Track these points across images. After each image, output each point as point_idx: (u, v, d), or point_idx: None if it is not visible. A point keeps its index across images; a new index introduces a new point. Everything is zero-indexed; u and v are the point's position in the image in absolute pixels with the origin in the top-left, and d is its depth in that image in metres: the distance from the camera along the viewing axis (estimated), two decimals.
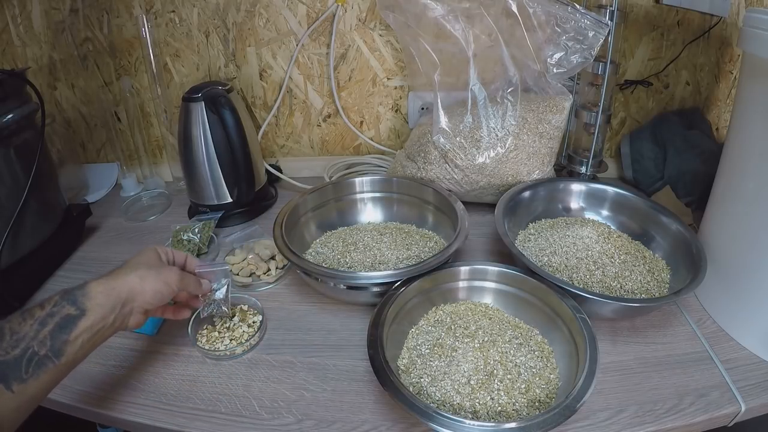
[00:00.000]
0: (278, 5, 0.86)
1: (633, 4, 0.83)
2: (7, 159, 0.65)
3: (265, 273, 0.70)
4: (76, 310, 0.41)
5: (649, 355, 0.56)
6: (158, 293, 0.48)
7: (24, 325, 0.39)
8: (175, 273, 0.50)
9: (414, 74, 0.85)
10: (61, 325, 0.40)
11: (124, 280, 0.45)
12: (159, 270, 0.49)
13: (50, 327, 0.40)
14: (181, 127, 0.80)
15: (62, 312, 0.41)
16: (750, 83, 0.54)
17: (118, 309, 0.44)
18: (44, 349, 0.38)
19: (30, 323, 0.39)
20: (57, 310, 0.41)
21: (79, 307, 0.41)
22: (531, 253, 0.68)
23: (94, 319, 0.42)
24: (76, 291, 0.42)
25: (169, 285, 0.49)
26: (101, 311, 0.42)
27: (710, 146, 0.81)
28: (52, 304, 0.41)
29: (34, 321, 0.39)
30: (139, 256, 0.50)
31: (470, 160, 0.76)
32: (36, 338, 0.39)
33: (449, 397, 0.49)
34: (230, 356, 0.58)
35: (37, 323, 0.39)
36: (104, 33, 0.90)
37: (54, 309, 0.40)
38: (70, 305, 0.41)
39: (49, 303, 0.41)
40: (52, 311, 0.40)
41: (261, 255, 0.72)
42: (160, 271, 0.49)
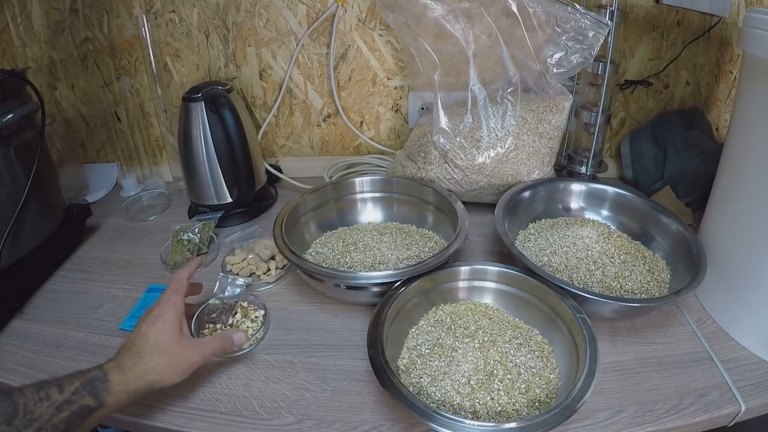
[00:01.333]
0: (278, 5, 0.86)
1: (633, 4, 0.83)
2: (7, 159, 0.65)
3: (265, 273, 0.70)
4: (95, 403, 0.41)
5: (649, 355, 0.56)
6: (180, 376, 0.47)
7: (40, 407, 0.39)
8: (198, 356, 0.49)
9: (414, 74, 0.85)
10: (78, 413, 0.40)
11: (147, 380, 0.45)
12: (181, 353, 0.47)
13: (66, 414, 0.39)
14: (181, 127, 0.80)
15: (81, 401, 0.41)
16: (750, 83, 0.54)
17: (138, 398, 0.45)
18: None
19: (46, 405, 0.39)
20: (76, 398, 0.40)
21: (99, 400, 0.42)
22: (531, 253, 0.68)
23: (110, 411, 0.43)
24: (97, 383, 0.42)
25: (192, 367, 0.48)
26: (118, 405, 0.43)
27: (710, 146, 0.81)
28: (71, 391, 0.41)
29: (51, 404, 0.39)
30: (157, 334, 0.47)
31: (470, 160, 0.76)
32: (50, 422, 0.39)
33: (449, 397, 0.49)
34: (237, 351, 0.58)
35: (53, 408, 0.39)
36: (104, 33, 0.90)
37: (73, 397, 0.40)
38: (90, 396, 0.41)
39: (67, 387, 0.41)
40: (71, 399, 0.40)
41: (261, 255, 0.72)
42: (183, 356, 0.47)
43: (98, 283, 0.72)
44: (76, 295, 0.69)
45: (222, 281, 0.65)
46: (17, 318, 0.65)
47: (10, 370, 0.57)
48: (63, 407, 0.39)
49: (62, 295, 0.70)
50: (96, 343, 0.60)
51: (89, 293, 0.70)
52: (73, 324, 0.64)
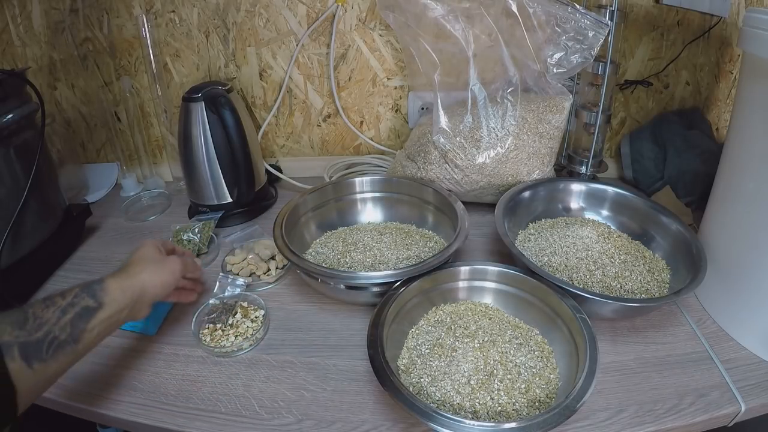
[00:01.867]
0: (278, 5, 0.86)
1: (633, 4, 0.83)
2: (7, 159, 0.65)
3: (265, 273, 0.70)
4: (94, 303, 0.45)
5: (649, 355, 0.56)
6: (165, 284, 0.53)
7: (47, 312, 0.42)
8: (177, 262, 0.56)
9: (414, 74, 0.85)
10: (80, 314, 0.44)
11: (137, 278, 0.50)
12: (164, 263, 0.54)
13: (70, 315, 0.43)
14: (181, 127, 0.80)
15: (82, 303, 0.44)
16: (750, 83, 0.54)
17: (132, 304, 0.49)
18: (64, 335, 0.42)
19: (52, 310, 0.42)
20: (77, 300, 0.44)
21: (98, 300, 0.45)
22: (531, 253, 0.68)
23: (110, 312, 0.46)
24: (95, 285, 0.46)
25: (173, 274, 0.55)
26: (116, 306, 0.47)
27: (710, 146, 0.81)
28: (72, 295, 0.44)
29: (56, 309, 0.43)
30: (141, 251, 0.55)
31: (470, 160, 0.76)
32: (57, 324, 0.42)
33: (449, 397, 0.49)
34: (237, 351, 0.58)
35: (59, 311, 0.43)
36: (104, 33, 0.90)
37: (75, 300, 0.44)
38: (90, 297, 0.45)
39: (69, 294, 0.44)
40: (73, 301, 0.44)
41: (261, 255, 0.72)
42: (165, 264, 0.54)
43: None
44: None
45: (222, 281, 0.65)
46: None
47: None
48: (67, 310, 0.43)
49: None
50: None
51: None
52: None
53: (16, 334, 0.39)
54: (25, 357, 0.39)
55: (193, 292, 0.63)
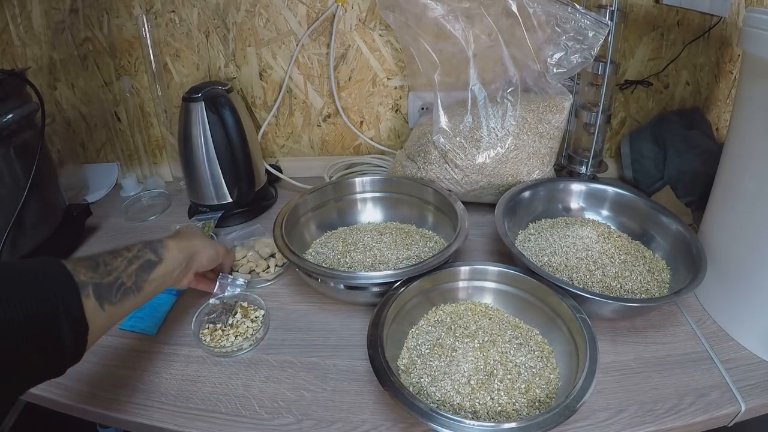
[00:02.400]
0: (278, 5, 0.86)
1: (633, 4, 0.83)
2: (7, 159, 0.65)
3: (264, 270, 0.70)
4: (156, 257, 0.50)
5: (649, 355, 0.56)
6: (211, 259, 0.60)
7: (115, 261, 0.45)
8: (222, 246, 0.64)
9: (414, 74, 0.85)
10: (144, 266, 0.48)
11: (193, 243, 0.56)
12: (212, 241, 0.62)
13: (135, 266, 0.47)
14: (181, 127, 0.80)
15: (145, 256, 0.49)
16: (750, 83, 0.54)
17: (185, 264, 0.54)
18: (130, 282, 0.45)
19: (120, 260, 0.46)
20: (141, 254, 0.48)
21: (159, 255, 0.50)
22: (531, 253, 0.68)
23: (167, 268, 0.50)
24: (155, 243, 0.51)
25: (219, 255, 0.62)
26: (173, 263, 0.52)
27: (710, 146, 0.81)
28: (137, 249, 0.48)
29: (123, 259, 0.46)
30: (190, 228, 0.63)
31: (470, 160, 0.76)
32: (125, 272, 0.45)
33: (449, 397, 0.49)
34: (237, 351, 0.58)
35: (125, 261, 0.46)
36: (104, 33, 0.90)
37: (139, 253, 0.48)
38: (152, 252, 0.50)
39: (134, 248, 0.49)
40: (138, 254, 0.48)
41: (261, 253, 0.72)
42: (213, 243, 0.61)
43: None
44: None
45: (222, 281, 0.65)
46: None
47: None
48: (132, 260, 0.47)
49: None
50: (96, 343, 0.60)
51: None
52: None
53: (90, 275, 0.41)
54: (98, 297, 0.41)
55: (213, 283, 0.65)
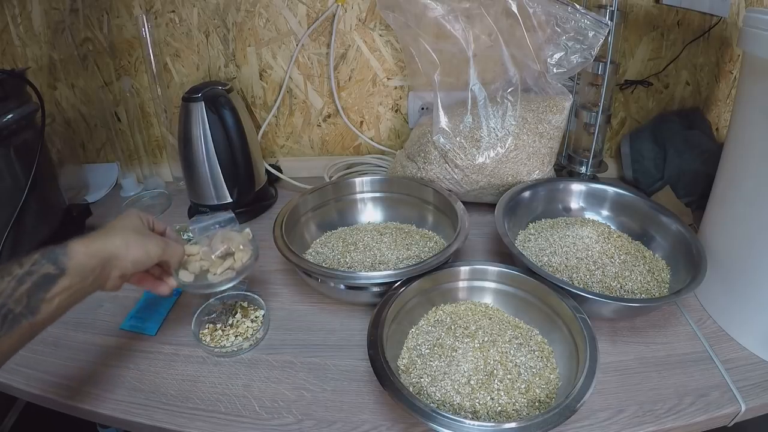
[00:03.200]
0: (278, 5, 0.86)
1: (633, 4, 0.83)
2: (7, 159, 0.65)
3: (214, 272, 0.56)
4: (55, 269, 0.40)
5: (649, 355, 0.56)
6: (138, 262, 0.47)
7: (1, 283, 0.38)
8: (159, 244, 0.49)
9: (414, 74, 0.85)
10: (38, 283, 0.39)
11: (108, 242, 0.45)
12: (144, 237, 0.48)
13: (27, 285, 0.39)
14: (181, 127, 0.80)
15: (41, 270, 0.40)
16: (750, 83, 0.54)
17: (98, 271, 0.43)
18: (20, 307, 0.38)
19: (8, 280, 0.38)
20: (36, 268, 0.40)
21: (59, 266, 0.41)
22: (531, 253, 0.68)
23: (73, 280, 0.41)
24: (57, 250, 0.41)
25: (149, 255, 0.48)
26: (81, 271, 0.42)
27: (710, 146, 0.81)
28: (31, 263, 0.40)
29: (12, 278, 0.38)
30: (123, 220, 0.49)
31: (470, 160, 0.76)
32: (12, 296, 0.38)
33: (449, 397, 0.49)
34: (237, 351, 0.58)
35: (15, 281, 0.38)
36: (104, 33, 0.90)
37: (33, 267, 0.39)
38: (50, 264, 0.40)
39: (28, 261, 0.40)
40: (31, 269, 0.39)
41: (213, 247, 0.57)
42: (145, 240, 0.48)
43: None
44: None
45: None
46: None
47: (11, 370, 0.57)
48: (24, 279, 0.39)
49: None
50: (96, 343, 0.60)
51: None
52: (73, 324, 0.64)
53: None
54: None
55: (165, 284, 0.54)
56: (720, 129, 0.95)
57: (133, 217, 0.50)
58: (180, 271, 0.55)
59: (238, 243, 0.57)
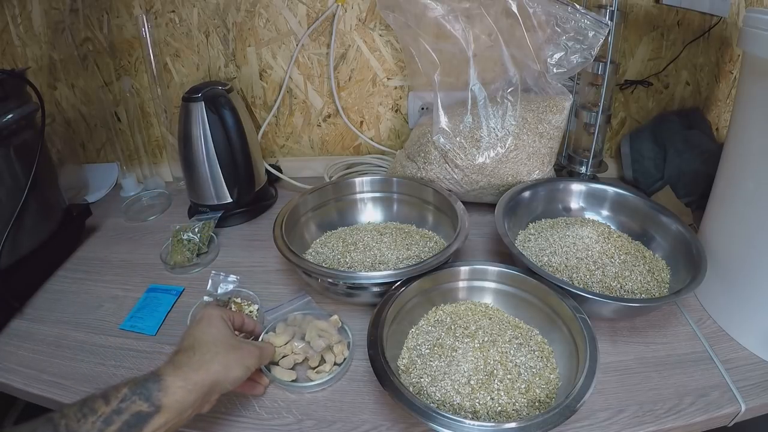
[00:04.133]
0: (278, 5, 0.86)
1: (633, 4, 0.83)
2: (7, 159, 0.65)
3: (315, 368, 0.54)
4: (149, 407, 0.36)
5: (649, 355, 0.56)
6: (239, 380, 0.44)
7: (84, 423, 0.34)
8: (254, 354, 0.47)
9: (414, 74, 0.85)
10: (130, 423, 0.35)
11: (208, 371, 0.41)
12: (240, 352, 0.45)
13: (117, 425, 0.34)
14: (181, 127, 0.80)
15: (132, 408, 0.35)
16: (750, 83, 0.54)
17: (199, 403, 0.40)
18: None
19: (92, 420, 0.34)
20: (126, 406, 0.35)
21: (154, 403, 0.36)
22: (531, 253, 0.68)
23: (169, 416, 0.37)
24: (149, 384, 0.37)
25: (248, 369, 0.46)
26: (179, 408, 0.38)
27: (710, 146, 0.81)
28: (119, 399, 0.36)
29: (96, 418, 0.34)
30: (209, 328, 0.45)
31: (470, 160, 0.76)
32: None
33: (449, 397, 0.49)
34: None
35: (100, 421, 0.34)
36: (104, 33, 0.90)
37: (122, 405, 0.35)
38: (143, 401, 0.36)
39: (115, 396, 0.36)
40: (120, 407, 0.35)
41: (313, 345, 0.55)
42: (241, 355, 0.45)
43: (98, 283, 0.72)
44: (76, 295, 0.69)
45: (214, 279, 0.65)
46: (17, 318, 0.65)
47: (10, 370, 0.57)
48: (111, 419, 0.34)
49: (62, 295, 0.70)
50: (96, 343, 0.61)
51: (89, 293, 0.70)
52: (73, 324, 0.64)
53: None
54: None
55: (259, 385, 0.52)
56: (720, 129, 0.95)
57: (219, 325, 0.46)
58: (274, 367, 0.54)
59: (332, 334, 0.56)
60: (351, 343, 0.57)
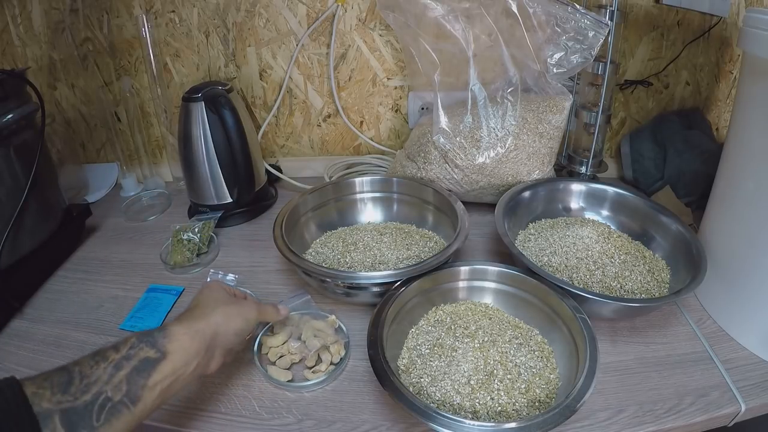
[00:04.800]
0: (278, 5, 0.86)
1: (633, 4, 0.83)
2: (7, 159, 0.65)
3: (312, 368, 0.55)
4: (156, 353, 0.38)
5: (649, 355, 0.56)
6: (241, 331, 0.46)
7: (96, 369, 0.35)
8: (253, 307, 0.49)
9: (414, 74, 0.85)
10: (138, 368, 0.37)
11: (209, 321, 0.43)
12: (239, 306, 0.47)
13: (126, 370, 0.36)
14: (181, 127, 0.80)
15: (140, 354, 0.37)
16: (750, 83, 0.54)
17: (203, 353, 0.41)
18: (119, 395, 0.35)
19: (103, 366, 0.36)
20: (134, 352, 0.37)
21: (160, 349, 0.38)
22: (531, 253, 0.68)
23: (176, 364, 0.38)
24: (155, 332, 0.39)
25: (249, 321, 0.47)
26: (184, 355, 0.39)
27: (710, 146, 0.81)
28: (128, 346, 0.37)
29: (107, 364, 0.36)
30: (210, 293, 0.48)
31: (470, 160, 0.76)
32: (110, 382, 0.35)
33: (449, 397, 0.49)
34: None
35: (111, 366, 0.36)
36: (104, 33, 0.90)
37: (131, 351, 0.37)
38: (149, 347, 0.38)
39: (124, 345, 0.38)
40: (129, 353, 0.37)
41: (308, 344, 0.56)
42: (240, 308, 0.47)
43: (98, 283, 0.72)
44: (76, 295, 0.69)
45: (213, 277, 0.65)
46: (17, 318, 0.65)
47: (10, 370, 0.57)
48: (121, 364, 0.36)
49: (62, 295, 0.70)
50: (96, 343, 0.60)
51: (89, 293, 0.70)
52: (73, 324, 0.64)
53: (57, 399, 0.32)
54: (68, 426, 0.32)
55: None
56: (720, 129, 0.95)
57: (218, 290, 0.49)
58: (270, 367, 0.54)
59: (329, 334, 0.57)
60: (348, 342, 0.58)
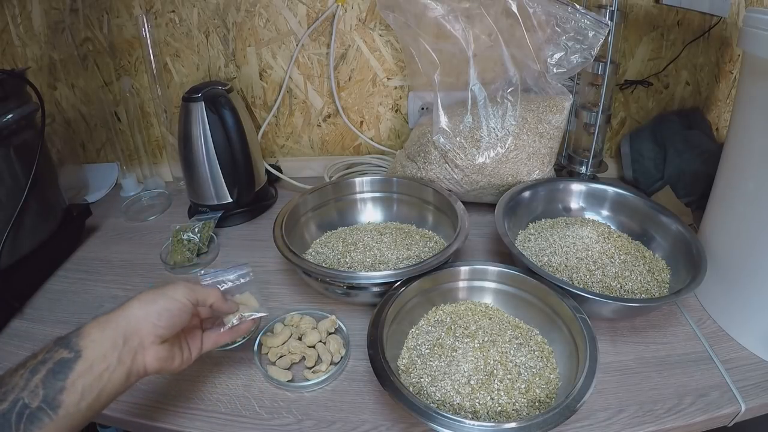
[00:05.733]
0: (278, 5, 0.86)
1: (633, 4, 0.83)
2: (7, 159, 0.65)
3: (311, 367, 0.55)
4: (69, 353, 0.37)
5: (649, 355, 0.56)
6: (166, 312, 0.42)
7: (14, 376, 0.35)
8: (181, 286, 0.44)
9: (414, 74, 0.85)
10: (54, 370, 0.35)
11: (123, 310, 0.41)
12: (162, 288, 0.44)
13: (42, 374, 0.35)
14: (181, 127, 0.80)
15: (55, 357, 0.36)
16: (750, 83, 0.54)
17: (120, 343, 0.39)
18: (36, 401, 0.34)
19: (21, 373, 0.35)
20: (50, 355, 0.36)
21: (74, 348, 0.37)
22: (531, 253, 0.68)
23: (93, 359, 0.37)
24: (70, 334, 0.39)
25: (176, 300, 0.43)
26: (99, 349, 0.38)
27: (710, 146, 0.81)
28: (45, 351, 0.37)
29: (25, 370, 0.35)
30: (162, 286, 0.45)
31: (470, 160, 0.76)
32: (26, 388, 0.34)
33: (449, 397, 0.49)
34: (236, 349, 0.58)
35: (27, 372, 0.35)
36: (104, 33, 0.90)
37: (47, 355, 0.36)
38: (64, 348, 0.37)
39: (42, 350, 0.37)
40: (45, 357, 0.36)
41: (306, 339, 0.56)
42: (164, 289, 0.44)
43: (98, 283, 0.72)
44: (76, 295, 0.69)
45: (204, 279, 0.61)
46: (17, 318, 0.65)
47: None
48: (37, 369, 0.35)
49: (62, 295, 0.70)
50: None
51: (89, 293, 0.70)
52: (73, 324, 0.62)
53: None
54: None
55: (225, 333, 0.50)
56: (720, 129, 0.95)
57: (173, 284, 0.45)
58: (270, 367, 0.54)
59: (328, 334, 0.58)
60: (348, 342, 0.58)
